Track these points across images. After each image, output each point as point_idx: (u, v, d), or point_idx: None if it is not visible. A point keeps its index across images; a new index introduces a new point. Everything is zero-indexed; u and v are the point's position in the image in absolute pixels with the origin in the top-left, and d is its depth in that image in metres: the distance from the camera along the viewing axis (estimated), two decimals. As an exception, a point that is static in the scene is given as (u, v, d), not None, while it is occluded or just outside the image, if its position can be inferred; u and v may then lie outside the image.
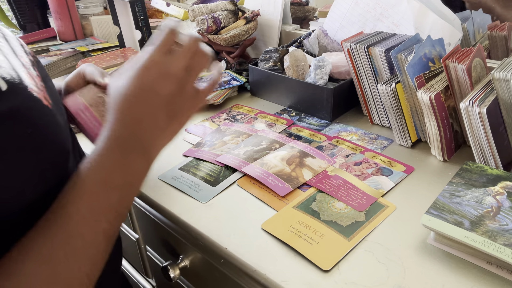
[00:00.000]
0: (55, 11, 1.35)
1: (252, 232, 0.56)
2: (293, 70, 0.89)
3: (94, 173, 0.39)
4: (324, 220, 0.57)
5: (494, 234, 0.48)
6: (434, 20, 0.82)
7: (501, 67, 0.60)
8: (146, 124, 0.41)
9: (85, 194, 0.38)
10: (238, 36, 1.04)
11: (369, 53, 0.77)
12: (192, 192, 0.65)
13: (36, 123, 0.38)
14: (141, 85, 0.40)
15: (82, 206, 0.37)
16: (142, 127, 0.41)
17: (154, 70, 0.41)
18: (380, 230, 0.55)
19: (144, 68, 0.41)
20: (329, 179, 0.65)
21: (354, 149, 0.74)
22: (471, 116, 0.61)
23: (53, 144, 0.40)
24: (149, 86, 0.41)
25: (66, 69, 1.20)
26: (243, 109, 0.92)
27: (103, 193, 0.38)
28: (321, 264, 0.50)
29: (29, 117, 0.38)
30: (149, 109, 0.41)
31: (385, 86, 0.71)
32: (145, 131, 0.41)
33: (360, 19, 0.93)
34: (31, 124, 0.38)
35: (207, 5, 1.09)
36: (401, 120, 0.73)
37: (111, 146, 0.40)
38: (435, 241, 0.52)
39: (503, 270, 0.48)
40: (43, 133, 0.39)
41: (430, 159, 0.71)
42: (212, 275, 0.63)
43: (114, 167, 0.39)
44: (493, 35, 0.90)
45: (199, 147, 0.78)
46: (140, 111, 0.40)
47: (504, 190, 0.54)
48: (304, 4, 1.26)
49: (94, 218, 0.38)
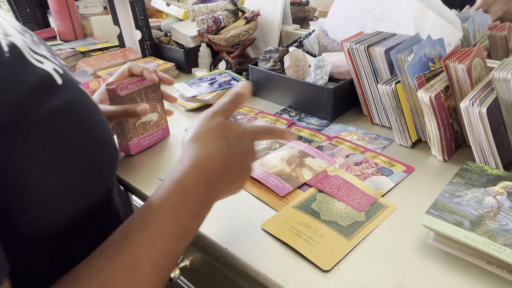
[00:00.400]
0: (55, 11, 1.35)
1: (252, 232, 0.56)
2: (293, 70, 0.89)
3: (164, 212, 0.39)
4: (324, 220, 0.57)
5: (494, 234, 0.48)
6: (434, 20, 0.82)
7: (501, 67, 0.60)
8: (221, 189, 0.46)
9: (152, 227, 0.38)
10: (238, 36, 1.04)
11: (369, 53, 0.77)
12: (192, 192, 0.65)
13: (91, 119, 0.39)
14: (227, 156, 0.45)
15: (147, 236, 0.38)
16: (218, 192, 0.45)
17: (244, 142, 0.47)
18: (380, 230, 0.55)
19: (234, 141, 0.46)
20: (329, 179, 0.65)
21: (354, 149, 0.74)
22: (471, 116, 0.61)
23: (107, 142, 0.41)
24: (234, 157, 0.46)
25: (66, 69, 1.20)
26: (243, 109, 0.92)
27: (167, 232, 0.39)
28: (321, 264, 0.50)
29: (85, 112, 0.38)
30: (228, 177, 0.46)
31: (385, 86, 0.71)
32: (219, 193, 0.45)
33: (360, 19, 0.93)
34: (87, 120, 0.38)
35: (207, 5, 1.09)
36: (401, 120, 0.73)
37: (185, 193, 0.41)
38: (435, 241, 0.52)
39: (503, 270, 0.48)
40: (98, 130, 0.39)
41: (430, 159, 0.71)
42: (212, 275, 0.63)
43: (183, 211, 0.41)
44: (493, 35, 0.90)
45: (199, 147, 0.78)
46: (221, 179, 0.45)
47: (504, 190, 0.54)
48: (304, 4, 1.26)
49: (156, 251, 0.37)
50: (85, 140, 0.37)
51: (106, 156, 0.41)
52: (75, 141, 0.36)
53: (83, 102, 0.39)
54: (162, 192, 0.41)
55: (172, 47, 1.17)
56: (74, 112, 0.37)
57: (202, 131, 0.46)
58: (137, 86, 0.71)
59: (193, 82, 0.99)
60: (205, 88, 0.95)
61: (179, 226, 0.39)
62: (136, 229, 0.38)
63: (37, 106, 0.33)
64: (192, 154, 0.44)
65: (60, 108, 0.35)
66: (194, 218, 0.42)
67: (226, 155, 0.45)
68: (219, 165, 0.44)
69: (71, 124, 0.36)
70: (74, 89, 0.38)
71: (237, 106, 0.50)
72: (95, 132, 0.39)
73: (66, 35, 1.39)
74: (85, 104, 0.39)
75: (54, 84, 0.36)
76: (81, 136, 0.37)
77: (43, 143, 0.33)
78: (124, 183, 0.69)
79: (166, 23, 1.26)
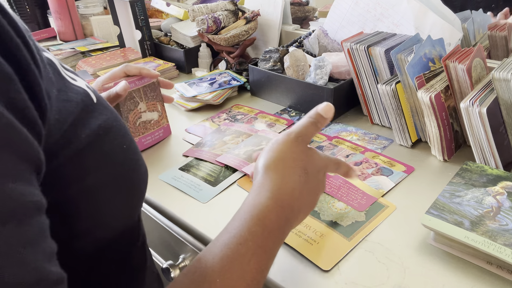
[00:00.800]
0: (55, 11, 1.35)
1: (252, 232, 0.56)
2: (293, 70, 0.89)
3: (247, 254, 0.36)
4: (324, 220, 0.57)
5: (494, 234, 0.48)
6: (434, 20, 0.82)
7: (501, 67, 0.60)
8: (294, 224, 0.43)
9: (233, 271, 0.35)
10: (238, 36, 1.04)
11: (369, 53, 0.77)
12: (192, 192, 0.65)
13: (126, 138, 0.37)
14: (305, 190, 0.43)
15: (228, 282, 0.34)
16: (291, 227, 0.42)
17: (320, 175, 0.46)
18: (380, 230, 0.55)
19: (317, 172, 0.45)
20: (329, 179, 0.65)
21: (354, 149, 0.74)
22: (471, 116, 0.61)
23: (140, 161, 0.39)
24: (310, 191, 0.44)
25: (66, 69, 1.20)
26: (243, 109, 0.92)
27: (249, 277, 0.36)
28: (321, 264, 0.50)
29: (121, 131, 0.37)
30: (300, 212, 0.43)
31: (385, 86, 0.71)
32: (291, 228, 0.42)
33: (360, 19, 0.93)
34: (123, 139, 0.36)
35: (207, 5, 1.09)
36: (401, 120, 0.73)
37: (267, 232, 0.38)
38: (435, 241, 0.52)
39: (503, 270, 0.48)
40: (133, 149, 0.38)
41: (430, 159, 0.71)
42: (212, 275, 0.63)
43: (264, 252, 0.38)
44: (493, 35, 0.90)
45: (199, 147, 0.78)
46: (296, 215, 0.43)
47: (504, 190, 0.54)
48: (304, 4, 1.26)
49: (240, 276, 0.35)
50: (125, 160, 0.36)
51: (140, 175, 0.39)
52: (117, 161, 0.35)
53: (117, 120, 0.37)
54: (241, 227, 0.37)
55: (172, 47, 1.17)
56: (113, 131, 0.35)
57: (282, 158, 0.43)
58: (136, 85, 0.71)
59: (193, 82, 0.99)
60: (205, 88, 0.95)
61: (261, 271, 0.36)
62: (216, 272, 0.34)
63: (84, 125, 0.32)
64: (271, 185, 0.41)
65: (102, 127, 0.34)
66: (271, 260, 0.38)
67: (304, 189, 0.43)
68: (298, 200, 0.42)
69: (112, 143, 0.35)
70: (107, 107, 0.36)
71: (318, 130, 0.46)
72: (131, 152, 0.37)
73: (66, 35, 1.39)
74: (119, 122, 0.37)
75: (92, 102, 0.34)
76: (121, 155, 0.36)
77: (94, 163, 0.33)
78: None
79: (166, 23, 1.26)
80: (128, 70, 0.71)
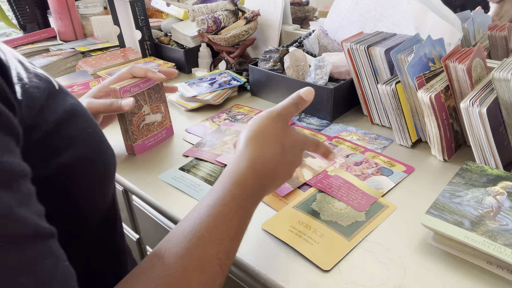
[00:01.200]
0: (55, 11, 1.35)
1: (252, 232, 0.56)
2: (293, 70, 0.89)
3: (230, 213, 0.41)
4: (324, 220, 0.57)
5: (494, 234, 0.48)
6: (434, 20, 0.82)
7: (501, 67, 0.60)
8: (268, 192, 0.48)
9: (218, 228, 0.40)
10: (238, 36, 1.04)
11: (369, 53, 0.77)
12: (192, 192, 0.65)
13: (91, 123, 0.40)
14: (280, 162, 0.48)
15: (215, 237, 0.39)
16: (266, 194, 0.48)
17: (295, 150, 0.51)
18: (380, 230, 0.55)
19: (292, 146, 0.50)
20: (329, 179, 0.65)
21: (354, 149, 0.74)
22: (471, 116, 0.61)
23: (106, 143, 0.42)
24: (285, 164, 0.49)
25: (66, 69, 1.20)
26: (243, 109, 0.92)
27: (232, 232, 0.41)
28: (321, 264, 0.50)
29: (84, 116, 0.39)
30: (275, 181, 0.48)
31: (385, 86, 0.71)
32: (265, 195, 0.48)
33: (360, 19, 0.93)
34: (89, 123, 0.39)
35: (207, 5, 1.09)
36: (401, 120, 0.73)
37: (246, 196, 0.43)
38: (435, 241, 0.52)
39: (503, 270, 0.48)
40: (99, 132, 0.40)
41: (430, 159, 0.71)
42: (212, 275, 0.63)
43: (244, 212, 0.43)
44: (493, 35, 0.90)
45: (199, 147, 0.78)
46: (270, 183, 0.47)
47: (504, 190, 0.54)
48: (304, 4, 1.26)
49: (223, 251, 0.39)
50: (92, 142, 0.38)
51: (107, 155, 0.41)
52: (84, 143, 0.37)
53: (80, 105, 0.39)
54: (224, 191, 0.42)
55: (172, 47, 1.17)
56: (77, 115, 0.37)
57: (262, 132, 0.48)
58: (140, 88, 0.71)
59: (193, 82, 0.99)
60: (205, 88, 0.95)
61: (241, 227, 0.42)
62: (204, 228, 0.38)
63: (50, 110, 0.34)
64: (250, 155, 0.46)
65: (67, 111, 0.36)
66: (249, 218, 0.44)
67: (279, 161, 0.47)
68: (272, 171, 0.47)
69: (77, 126, 0.37)
70: (68, 93, 0.39)
71: (298, 110, 0.52)
72: (96, 135, 0.40)
73: (66, 35, 1.39)
74: (82, 108, 0.39)
75: (55, 89, 0.36)
76: (88, 137, 0.38)
77: (62, 146, 0.35)
78: (123, 183, 0.69)
79: (166, 23, 1.26)
80: (134, 72, 0.71)
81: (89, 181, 0.38)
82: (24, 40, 1.34)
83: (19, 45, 1.33)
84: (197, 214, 0.40)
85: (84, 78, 1.05)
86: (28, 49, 1.30)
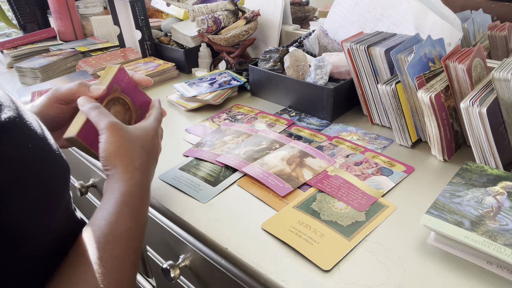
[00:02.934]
0: (55, 11, 1.35)
1: (252, 232, 0.56)
2: (293, 70, 0.89)
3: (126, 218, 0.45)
4: (324, 220, 0.57)
5: (494, 234, 0.48)
6: (434, 20, 0.82)
7: (501, 67, 0.60)
8: (152, 173, 0.54)
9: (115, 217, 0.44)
10: (238, 36, 1.05)
11: (369, 53, 0.77)
12: (192, 192, 0.65)
13: (33, 138, 0.37)
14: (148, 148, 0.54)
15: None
16: (151, 176, 0.54)
17: (156, 139, 0.56)
18: (380, 230, 0.55)
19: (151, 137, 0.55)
20: (329, 179, 0.65)
21: (354, 149, 0.74)
22: (471, 116, 0.61)
23: (53, 160, 0.39)
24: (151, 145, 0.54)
25: (66, 69, 1.20)
26: (243, 109, 0.92)
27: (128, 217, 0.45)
28: (321, 264, 0.50)
29: (24, 130, 0.36)
30: (153, 164, 0.55)
31: (385, 86, 0.71)
32: (151, 177, 0.54)
33: (360, 19, 0.93)
34: (29, 138, 0.36)
35: (207, 5, 1.09)
36: (401, 120, 0.73)
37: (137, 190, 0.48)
38: (435, 241, 0.52)
39: (503, 270, 0.48)
40: (41, 149, 0.38)
41: (430, 159, 0.71)
42: (212, 275, 0.63)
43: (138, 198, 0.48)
44: (493, 35, 0.90)
45: (199, 147, 0.78)
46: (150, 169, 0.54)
47: (504, 190, 0.54)
48: (304, 4, 1.26)
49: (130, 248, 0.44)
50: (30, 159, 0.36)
51: (53, 172, 0.39)
52: (20, 161, 0.34)
53: (21, 118, 0.36)
54: (116, 204, 0.45)
55: (172, 47, 1.17)
56: (13, 130, 0.34)
57: (120, 147, 0.50)
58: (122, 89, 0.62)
59: (193, 82, 0.99)
60: (205, 88, 0.95)
61: (142, 220, 0.47)
62: (107, 233, 0.42)
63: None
64: (121, 180, 0.48)
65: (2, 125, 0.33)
66: (146, 207, 0.49)
67: (147, 161, 0.52)
68: (146, 171, 0.51)
69: (12, 143, 0.34)
70: (8, 106, 0.35)
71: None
72: (39, 151, 0.37)
73: (66, 35, 1.39)
74: (23, 121, 0.36)
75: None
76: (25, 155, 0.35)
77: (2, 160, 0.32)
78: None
79: (166, 23, 1.26)
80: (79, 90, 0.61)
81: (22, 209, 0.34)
82: (24, 40, 1.34)
83: (19, 45, 1.33)
84: (97, 226, 0.43)
85: (84, 78, 1.05)
86: (28, 49, 1.30)
